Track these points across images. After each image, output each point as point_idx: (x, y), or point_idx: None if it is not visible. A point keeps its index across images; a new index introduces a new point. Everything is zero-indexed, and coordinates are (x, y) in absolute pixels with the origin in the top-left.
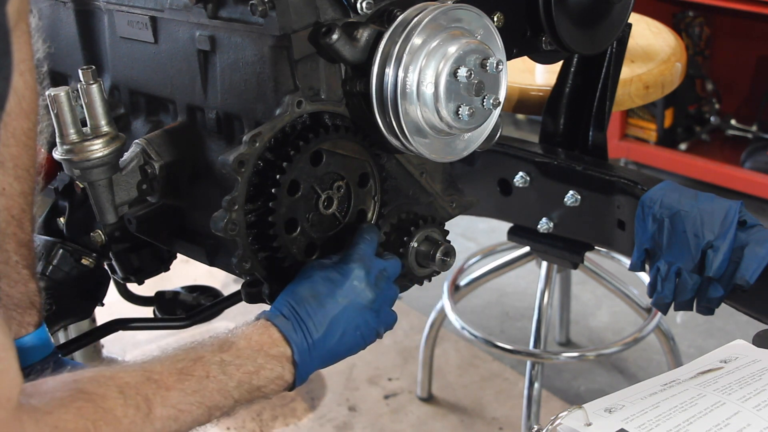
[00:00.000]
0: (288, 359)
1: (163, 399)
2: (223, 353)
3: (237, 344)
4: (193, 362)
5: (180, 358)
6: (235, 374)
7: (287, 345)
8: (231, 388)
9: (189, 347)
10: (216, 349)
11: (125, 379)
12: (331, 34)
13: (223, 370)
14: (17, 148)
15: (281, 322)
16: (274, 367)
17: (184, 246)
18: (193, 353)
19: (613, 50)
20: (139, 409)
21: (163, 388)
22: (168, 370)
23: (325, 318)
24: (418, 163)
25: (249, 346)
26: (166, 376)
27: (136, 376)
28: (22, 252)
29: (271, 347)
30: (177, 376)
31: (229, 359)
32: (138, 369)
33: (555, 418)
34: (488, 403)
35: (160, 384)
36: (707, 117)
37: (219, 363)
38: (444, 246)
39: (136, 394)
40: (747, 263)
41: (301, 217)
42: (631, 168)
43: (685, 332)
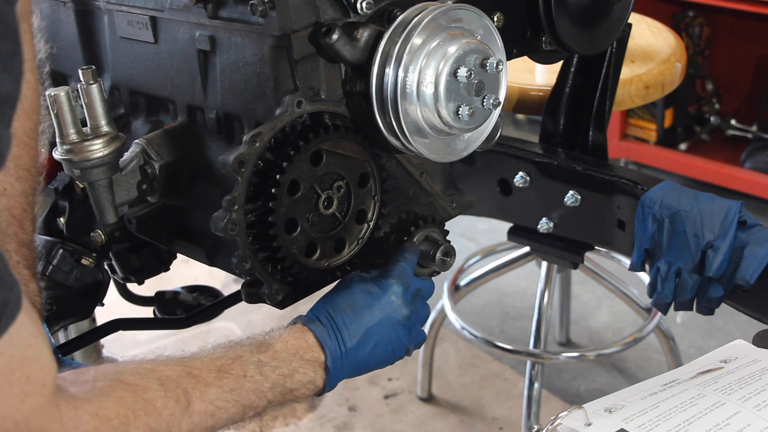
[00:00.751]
0: (321, 365)
1: (202, 394)
2: (261, 354)
3: (274, 346)
4: (231, 360)
5: (219, 355)
6: (271, 375)
7: (321, 350)
8: (266, 389)
9: (228, 345)
10: (254, 349)
11: (166, 372)
12: (331, 34)
13: (259, 370)
14: (18, 148)
15: (317, 327)
16: (308, 371)
17: (184, 246)
18: (232, 352)
19: (613, 50)
20: (178, 402)
21: (202, 384)
22: (207, 366)
23: (360, 328)
24: (418, 163)
25: (285, 349)
26: (205, 372)
27: (176, 370)
28: (23, 252)
29: (306, 351)
30: (216, 372)
31: (266, 360)
32: (178, 363)
33: (555, 418)
34: (488, 403)
35: (200, 379)
36: (707, 117)
37: (256, 363)
38: (444, 246)
39: (176, 388)
40: (747, 263)
41: (301, 217)
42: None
43: (685, 332)
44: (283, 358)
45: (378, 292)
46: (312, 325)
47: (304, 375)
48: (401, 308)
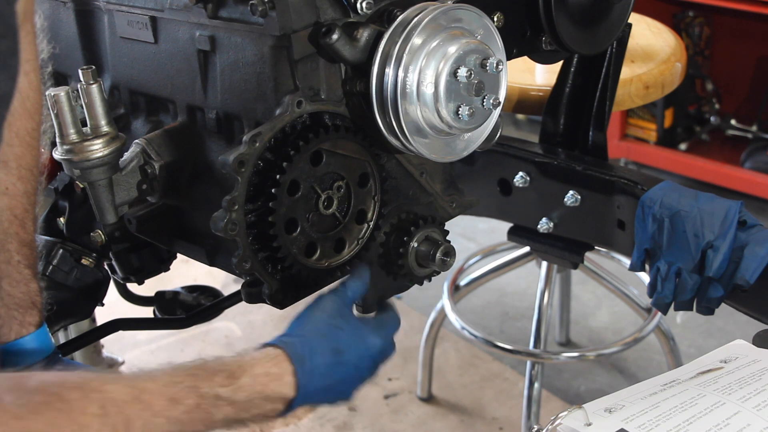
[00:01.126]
0: (285, 402)
1: (145, 423)
2: (222, 387)
3: (240, 381)
4: (187, 390)
5: (176, 381)
6: (225, 408)
7: (294, 390)
8: (216, 420)
9: (191, 369)
10: (217, 380)
11: (111, 394)
12: (331, 34)
13: (215, 403)
14: (21, 148)
15: (301, 366)
16: (266, 407)
17: (184, 246)
18: (191, 380)
19: (613, 50)
20: (115, 430)
21: (149, 411)
22: (159, 391)
23: (334, 378)
24: (418, 163)
25: (252, 386)
26: (156, 397)
27: (123, 393)
28: (24, 252)
29: (275, 389)
30: (166, 401)
31: (226, 395)
32: (129, 385)
33: (555, 418)
34: (488, 403)
35: (147, 406)
36: (707, 117)
37: (214, 397)
38: (444, 246)
39: (117, 413)
40: (747, 263)
41: (301, 217)
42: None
43: (685, 332)
44: (246, 393)
45: (367, 349)
46: (297, 362)
47: (260, 410)
48: (372, 369)
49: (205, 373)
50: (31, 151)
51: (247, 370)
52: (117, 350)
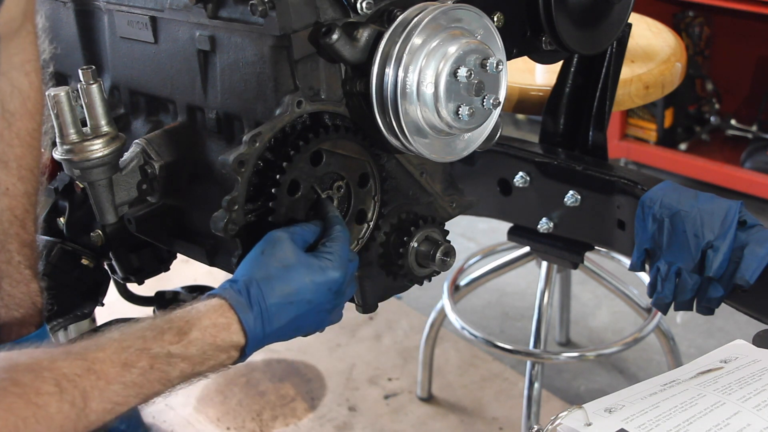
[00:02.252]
0: (237, 349)
1: (101, 392)
2: (173, 345)
3: (190, 335)
4: (138, 353)
5: (127, 344)
6: (180, 365)
7: (243, 336)
8: (173, 377)
9: (139, 331)
10: (167, 337)
11: (63, 370)
12: (331, 34)
13: (168, 361)
14: (21, 148)
15: (244, 313)
16: (221, 356)
17: (184, 246)
18: (141, 342)
19: (613, 50)
20: (74, 405)
21: (103, 380)
22: (110, 359)
23: (288, 317)
24: (418, 163)
25: (202, 338)
26: (108, 366)
27: (75, 366)
28: (25, 252)
29: (226, 338)
30: (119, 367)
31: (178, 351)
32: (79, 357)
33: (555, 418)
34: (488, 403)
35: (100, 375)
36: (707, 117)
37: (166, 356)
38: (444, 246)
39: (73, 388)
40: (747, 263)
41: (301, 217)
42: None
43: (685, 332)
44: (197, 347)
45: (319, 282)
46: (240, 309)
47: (216, 360)
48: (332, 299)
49: (153, 333)
50: (31, 152)
51: (194, 324)
52: None
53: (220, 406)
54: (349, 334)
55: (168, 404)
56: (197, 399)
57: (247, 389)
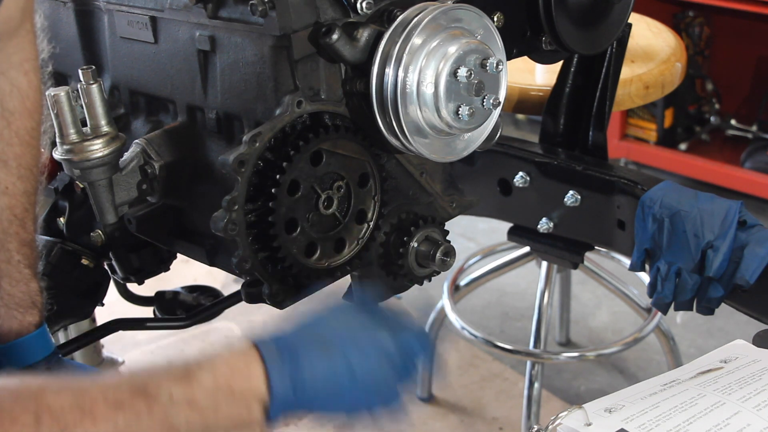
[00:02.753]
0: (259, 402)
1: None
2: (176, 386)
3: (197, 377)
4: (132, 392)
5: (120, 383)
6: (184, 412)
7: (266, 387)
8: (178, 425)
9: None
10: (170, 379)
11: (49, 402)
12: (331, 34)
13: (170, 405)
14: (21, 147)
15: (270, 358)
16: (237, 409)
17: (184, 246)
18: (138, 380)
19: (613, 50)
20: None
21: (89, 420)
22: (103, 397)
23: (328, 378)
24: (418, 163)
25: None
26: (100, 405)
27: (63, 400)
28: (25, 251)
29: (241, 385)
30: (109, 407)
31: (181, 395)
32: (70, 391)
33: (555, 418)
34: (488, 403)
35: (87, 414)
36: (707, 117)
37: (168, 399)
38: (444, 246)
39: (52, 423)
40: (747, 263)
41: (301, 217)
42: (631, 168)
43: (685, 332)
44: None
45: (373, 340)
46: (267, 355)
47: (230, 412)
48: (392, 365)
49: (157, 372)
50: (30, 151)
51: (205, 366)
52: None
53: None
54: None
55: None
56: None
57: None
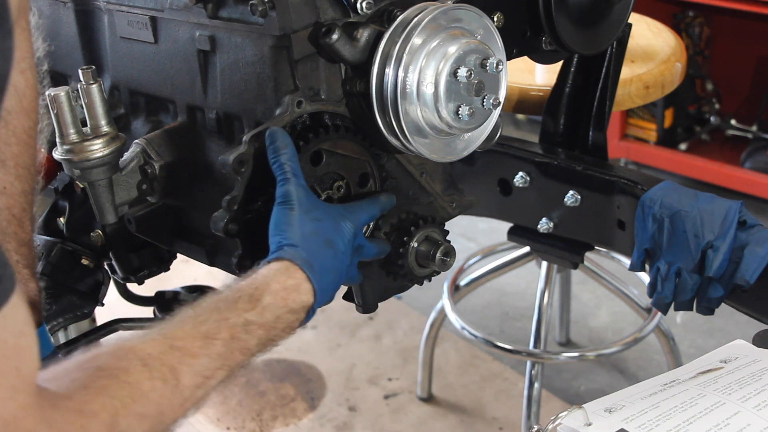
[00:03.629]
0: (306, 309)
1: (190, 367)
2: (248, 312)
3: (263, 301)
4: (217, 324)
5: (203, 319)
6: (257, 332)
7: (312, 296)
8: (252, 346)
9: (212, 304)
10: (242, 306)
11: (147, 350)
12: (331, 34)
13: (246, 329)
14: (18, 146)
15: (310, 270)
16: (291, 318)
17: (184, 246)
18: (217, 314)
19: (613, 50)
20: (166, 381)
21: (189, 356)
22: (191, 334)
23: (335, 268)
24: (418, 163)
25: (275, 303)
26: (190, 341)
27: (158, 346)
28: (23, 251)
29: (296, 300)
30: (202, 341)
31: (254, 318)
32: (159, 337)
33: (555, 418)
34: (488, 403)
35: (185, 351)
36: (707, 117)
37: (243, 324)
38: (444, 246)
39: (161, 366)
40: (747, 263)
41: None
42: (631, 168)
43: (685, 332)
44: (271, 312)
45: (343, 229)
46: (308, 269)
47: (286, 323)
48: (352, 250)
49: (226, 304)
50: (28, 150)
51: (265, 290)
52: None
53: (220, 406)
54: (349, 334)
55: None
56: None
57: (247, 389)
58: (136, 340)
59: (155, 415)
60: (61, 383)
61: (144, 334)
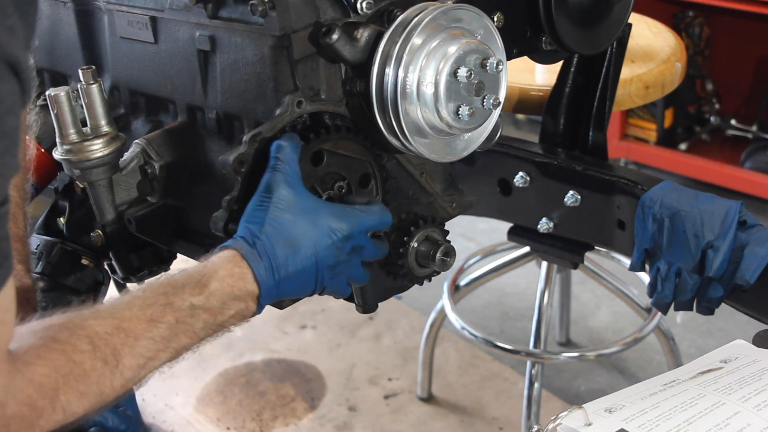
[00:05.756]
0: (254, 298)
1: (132, 349)
2: (195, 297)
3: (209, 287)
4: (163, 308)
5: (150, 302)
6: (203, 316)
7: (257, 286)
8: (198, 329)
9: (160, 288)
10: (188, 290)
11: (95, 328)
12: (331, 34)
13: (192, 313)
14: None
15: (256, 263)
16: (239, 306)
17: (184, 246)
18: (163, 298)
19: (613, 50)
20: (107, 363)
21: (132, 337)
22: (137, 316)
23: (296, 267)
24: (418, 163)
25: (221, 289)
26: (135, 323)
27: (106, 325)
28: (17, 247)
29: (242, 288)
30: (146, 323)
31: (200, 303)
32: (108, 316)
33: (555, 418)
34: (488, 403)
35: (129, 333)
36: (707, 117)
37: (189, 308)
38: (444, 246)
39: (105, 346)
40: (747, 263)
41: None
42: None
43: (685, 332)
44: (217, 297)
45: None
46: (252, 260)
47: (235, 309)
48: (335, 254)
49: (174, 288)
50: None
51: (212, 276)
52: None
53: (220, 406)
54: (349, 334)
55: (168, 404)
56: (197, 399)
57: (247, 389)
58: (89, 314)
59: (95, 393)
60: (21, 345)
61: (96, 311)
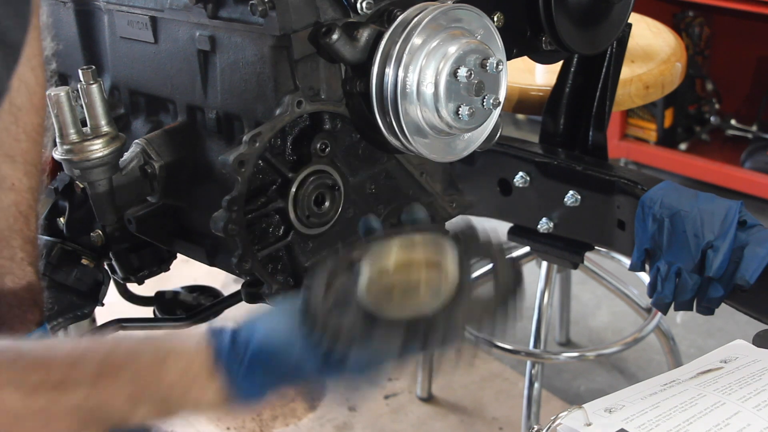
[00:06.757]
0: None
1: None
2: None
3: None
4: (97, 376)
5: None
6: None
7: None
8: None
9: (119, 358)
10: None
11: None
12: (331, 34)
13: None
14: (27, 143)
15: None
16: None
17: (184, 246)
18: (108, 367)
19: (613, 50)
20: None
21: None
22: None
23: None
24: (418, 163)
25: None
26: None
27: (40, 375)
28: (27, 249)
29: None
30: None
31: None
32: (42, 367)
33: (555, 418)
34: (488, 403)
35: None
36: (707, 117)
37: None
38: None
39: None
40: (747, 263)
41: None
42: (631, 168)
43: (685, 332)
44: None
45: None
46: (228, 372)
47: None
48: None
49: (133, 355)
50: (36, 147)
51: (172, 367)
52: None
53: None
54: None
55: None
56: None
57: None
58: (25, 354)
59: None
60: None
61: (33, 351)
